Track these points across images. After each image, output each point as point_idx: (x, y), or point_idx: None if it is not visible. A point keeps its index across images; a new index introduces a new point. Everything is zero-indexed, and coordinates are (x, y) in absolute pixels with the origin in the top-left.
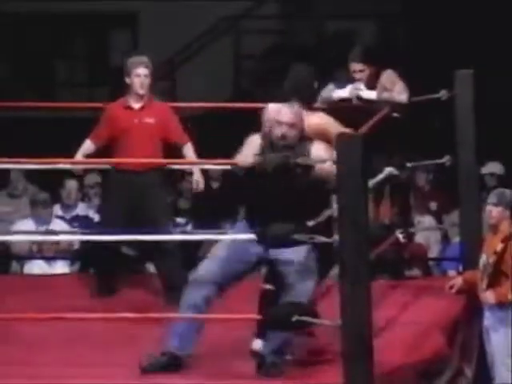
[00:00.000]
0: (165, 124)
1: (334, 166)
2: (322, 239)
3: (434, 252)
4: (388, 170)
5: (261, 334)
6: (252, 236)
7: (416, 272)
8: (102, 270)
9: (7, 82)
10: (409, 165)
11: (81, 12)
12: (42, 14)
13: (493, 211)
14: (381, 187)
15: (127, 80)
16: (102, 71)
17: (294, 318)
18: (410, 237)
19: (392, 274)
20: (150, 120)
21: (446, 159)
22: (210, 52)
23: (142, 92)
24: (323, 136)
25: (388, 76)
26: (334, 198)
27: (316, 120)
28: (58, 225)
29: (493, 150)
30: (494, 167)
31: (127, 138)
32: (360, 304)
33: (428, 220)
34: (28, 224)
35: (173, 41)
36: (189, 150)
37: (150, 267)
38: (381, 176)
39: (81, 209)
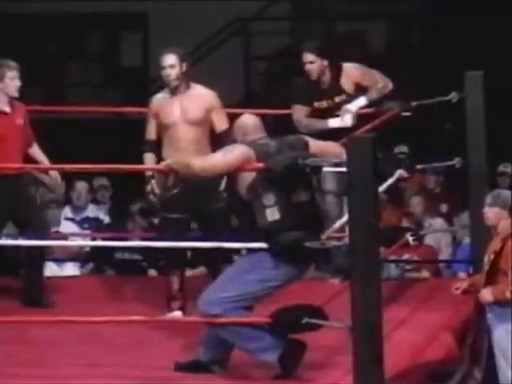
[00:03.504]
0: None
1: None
2: (334, 243)
3: (444, 254)
4: (399, 172)
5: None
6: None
7: (426, 274)
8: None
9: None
10: (419, 167)
11: (92, 13)
12: (53, 15)
13: (488, 212)
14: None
15: None
16: (114, 72)
17: (304, 321)
18: (419, 239)
19: None
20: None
21: (456, 161)
22: (221, 53)
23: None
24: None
25: (356, 70)
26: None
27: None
28: (67, 227)
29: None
30: (506, 167)
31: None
32: (370, 305)
33: (438, 222)
34: None
35: (183, 42)
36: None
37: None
38: (392, 178)
39: (91, 211)
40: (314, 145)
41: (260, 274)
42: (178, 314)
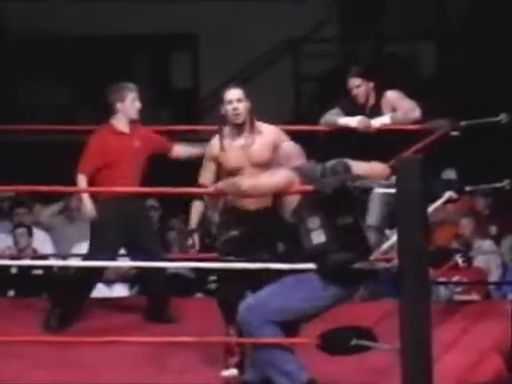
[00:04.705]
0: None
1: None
2: (383, 265)
3: (494, 276)
4: (448, 194)
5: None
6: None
7: (475, 296)
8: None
9: (69, 107)
10: (468, 188)
11: (142, 34)
12: (103, 36)
13: None
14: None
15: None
16: (164, 93)
17: (353, 342)
18: (469, 261)
19: None
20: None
21: (505, 183)
22: (270, 74)
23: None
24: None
25: (392, 96)
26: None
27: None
28: None
29: None
30: None
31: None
32: (419, 327)
33: (488, 244)
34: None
35: (232, 63)
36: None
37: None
38: (441, 200)
39: None
40: (357, 166)
41: (307, 293)
42: (234, 372)
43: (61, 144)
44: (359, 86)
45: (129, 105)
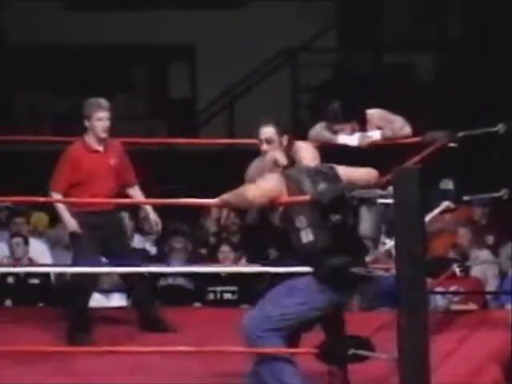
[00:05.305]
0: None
1: None
2: (380, 272)
3: (491, 286)
4: (445, 203)
5: None
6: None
7: (472, 306)
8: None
9: (67, 116)
10: (465, 198)
11: (140, 44)
12: (101, 46)
13: None
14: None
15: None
16: (161, 103)
17: (351, 352)
18: (466, 270)
19: None
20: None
21: (503, 192)
22: (268, 84)
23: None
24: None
25: (379, 115)
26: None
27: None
28: None
29: None
30: None
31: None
32: (417, 337)
33: (485, 254)
34: None
35: (230, 73)
36: (137, 191)
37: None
38: (438, 210)
39: (137, 241)
40: (343, 172)
41: (302, 297)
42: None
43: (58, 153)
44: (343, 128)
45: (95, 124)
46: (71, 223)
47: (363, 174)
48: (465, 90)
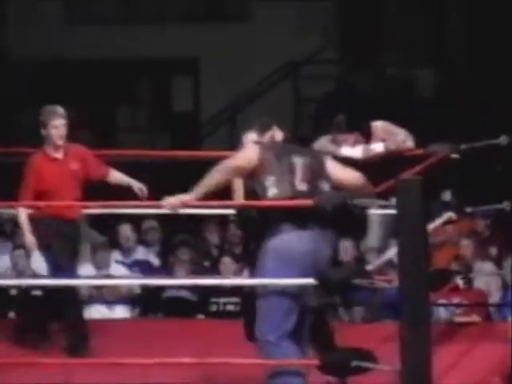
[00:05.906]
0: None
1: None
2: (383, 284)
3: (494, 298)
4: (447, 215)
5: None
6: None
7: (475, 318)
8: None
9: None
10: (468, 210)
11: (144, 58)
12: (105, 60)
13: None
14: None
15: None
16: (164, 117)
17: (353, 363)
18: (469, 282)
19: None
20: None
21: (505, 204)
22: (271, 96)
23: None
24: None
25: (382, 127)
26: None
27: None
28: (117, 270)
29: None
30: None
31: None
32: (419, 349)
33: (488, 266)
34: (88, 269)
35: (233, 86)
36: (116, 174)
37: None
38: (440, 221)
39: (140, 253)
40: (332, 170)
41: (277, 286)
42: None
43: None
44: (346, 139)
45: (50, 132)
46: (31, 241)
47: (351, 177)
48: (466, 104)
